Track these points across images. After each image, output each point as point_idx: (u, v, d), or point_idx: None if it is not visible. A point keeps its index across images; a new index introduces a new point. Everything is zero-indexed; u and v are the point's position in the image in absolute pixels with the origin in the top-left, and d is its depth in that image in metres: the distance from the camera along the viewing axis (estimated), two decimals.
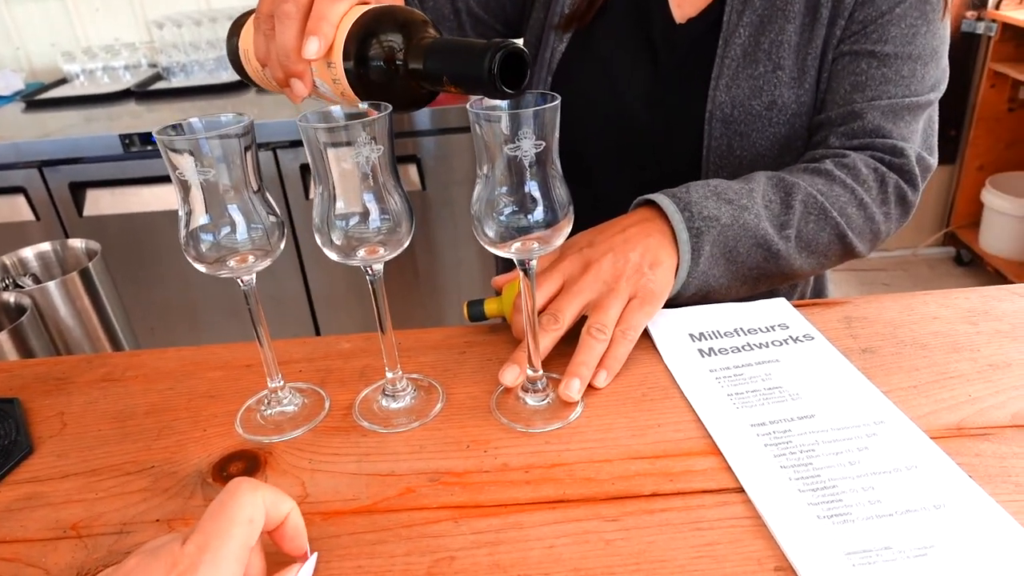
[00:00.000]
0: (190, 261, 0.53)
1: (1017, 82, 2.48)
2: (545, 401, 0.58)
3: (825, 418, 0.53)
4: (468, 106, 0.48)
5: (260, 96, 2.15)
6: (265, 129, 1.90)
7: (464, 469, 0.52)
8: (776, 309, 0.67)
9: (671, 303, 0.66)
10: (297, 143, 1.92)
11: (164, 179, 1.92)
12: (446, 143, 1.87)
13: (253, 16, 0.60)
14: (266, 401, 0.60)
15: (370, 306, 0.56)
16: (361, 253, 0.53)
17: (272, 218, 0.54)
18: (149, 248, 1.96)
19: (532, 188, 0.49)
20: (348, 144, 0.48)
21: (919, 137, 0.72)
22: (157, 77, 2.34)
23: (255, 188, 0.53)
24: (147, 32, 2.47)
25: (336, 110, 0.51)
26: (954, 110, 2.70)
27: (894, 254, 2.94)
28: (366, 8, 0.56)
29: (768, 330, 0.64)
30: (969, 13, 2.55)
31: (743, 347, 0.62)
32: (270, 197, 0.54)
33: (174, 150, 0.49)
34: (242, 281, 0.55)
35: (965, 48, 2.61)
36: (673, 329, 0.65)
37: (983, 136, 2.64)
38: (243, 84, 2.22)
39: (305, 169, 1.95)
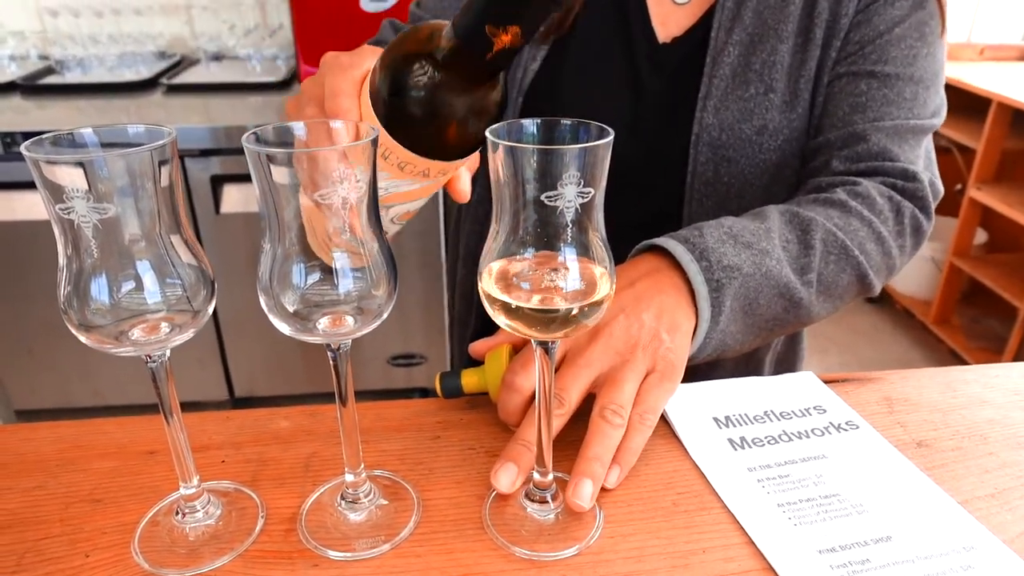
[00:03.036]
0: (72, 331, 0.37)
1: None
2: (554, 514, 0.46)
3: (905, 542, 0.43)
4: (489, 134, 0.35)
5: (167, 98, 1.93)
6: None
7: None
8: (806, 386, 0.58)
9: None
10: (209, 152, 1.72)
11: None
12: None
13: None
14: (177, 511, 0.45)
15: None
16: (323, 324, 0.39)
17: (197, 270, 0.39)
18: (32, 259, 1.69)
19: (567, 247, 0.37)
20: (318, 178, 0.34)
21: (922, 164, 0.65)
22: (49, 71, 2.07)
23: (175, 232, 0.38)
24: (39, 20, 2.18)
25: (297, 126, 0.37)
26: None
27: None
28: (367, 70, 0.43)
29: (804, 414, 0.54)
30: None
31: (780, 436, 0.52)
32: (196, 243, 0.39)
33: (55, 180, 0.33)
34: (150, 358, 0.39)
35: None
36: (693, 411, 0.54)
37: None
38: (146, 85, 1.99)
39: (217, 181, 1.75)
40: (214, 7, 2.33)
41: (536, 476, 0.46)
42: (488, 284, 0.39)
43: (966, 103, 2.34)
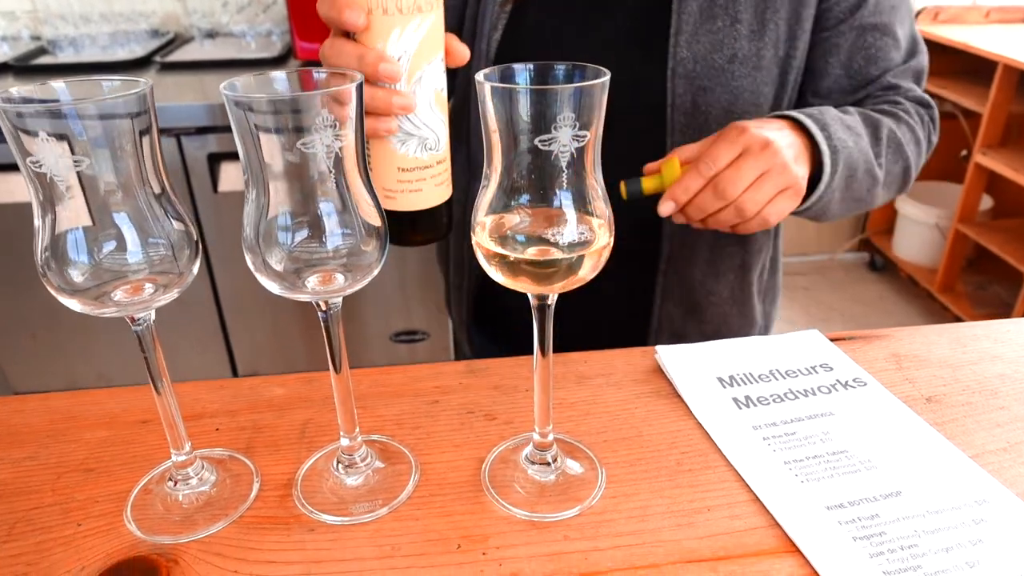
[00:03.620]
0: (53, 293, 0.36)
1: (931, 94, 2.55)
2: (554, 475, 0.45)
3: (915, 497, 0.42)
4: (478, 77, 0.34)
5: (162, 76, 1.90)
6: (167, 113, 1.67)
7: None
8: (812, 344, 0.56)
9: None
10: (206, 129, 1.70)
11: None
12: None
13: None
14: (170, 479, 0.44)
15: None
16: (312, 282, 0.38)
17: (180, 228, 0.38)
18: (30, 242, 1.68)
19: (564, 198, 0.35)
20: (298, 128, 0.33)
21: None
22: (41, 51, 2.04)
23: (156, 189, 0.36)
24: (30, 0, 2.15)
25: (278, 75, 0.35)
26: None
27: (812, 259, 2.98)
28: None
29: (810, 372, 0.53)
30: None
31: (786, 395, 0.51)
32: (177, 201, 0.38)
33: (25, 130, 0.32)
34: (133, 320, 0.38)
35: None
36: (697, 371, 0.53)
37: None
38: (141, 63, 1.96)
39: (214, 159, 1.73)
40: None
41: (536, 437, 0.45)
42: (482, 237, 0.37)
43: (972, 67, 2.30)
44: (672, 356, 0.54)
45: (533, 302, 0.39)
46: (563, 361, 0.56)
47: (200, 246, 0.39)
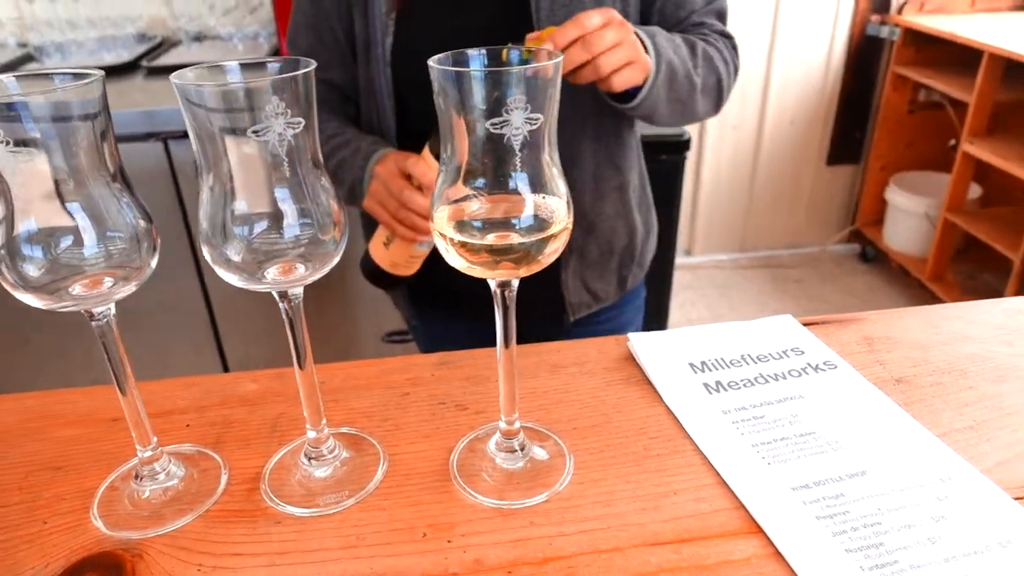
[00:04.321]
0: (8, 289, 0.36)
1: (918, 85, 2.55)
2: (522, 463, 0.45)
3: (881, 476, 0.42)
4: (430, 62, 0.34)
5: (148, 81, 1.90)
6: (155, 117, 1.67)
7: (422, 571, 0.37)
8: (784, 329, 0.56)
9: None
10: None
11: None
12: None
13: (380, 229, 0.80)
14: (136, 475, 0.44)
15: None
16: (272, 273, 0.38)
17: (138, 219, 0.38)
18: None
19: (520, 178, 0.35)
20: (250, 115, 0.33)
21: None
22: (28, 58, 2.04)
23: (110, 174, 0.36)
24: (15, 7, 2.14)
25: (231, 65, 0.35)
26: (859, 112, 2.75)
27: (804, 251, 2.98)
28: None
29: (781, 356, 0.53)
30: (874, 17, 2.60)
31: (756, 379, 0.51)
32: (133, 188, 0.38)
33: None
34: (91, 315, 0.38)
35: (869, 51, 2.66)
36: (669, 358, 0.53)
37: (886, 137, 2.70)
38: (128, 68, 1.96)
39: None
40: None
41: (503, 425, 0.45)
42: (441, 224, 0.37)
43: (958, 56, 2.31)
44: (644, 343, 0.55)
45: (494, 287, 0.39)
46: (536, 351, 0.56)
47: (156, 237, 0.38)
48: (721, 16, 0.89)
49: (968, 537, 0.38)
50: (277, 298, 0.39)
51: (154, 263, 0.38)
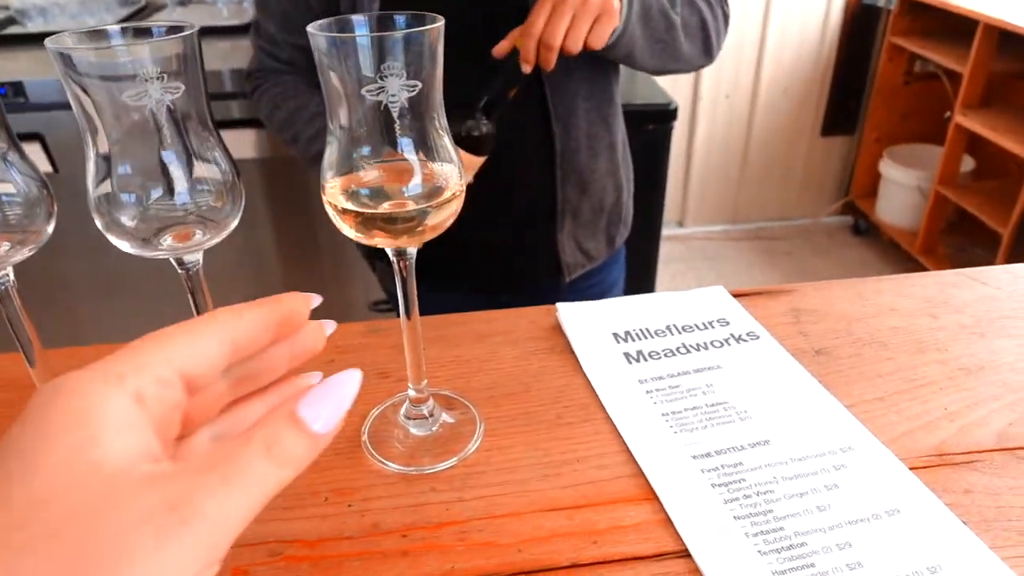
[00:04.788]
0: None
1: (914, 55, 2.52)
2: (433, 429, 0.45)
3: (782, 445, 0.42)
4: (309, 28, 0.33)
5: None
6: None
7: (319, 536, 0.38)
8: (713, 299, 0.57)
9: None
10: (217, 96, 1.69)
11: (22, 137, 1.64)
12: None
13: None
14: None
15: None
16: (168, 241, 0.38)
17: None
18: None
19: (405, 146, 0.35)
20: (127, 81, 0.32)
21: None
22: (10, 21, 2.02)
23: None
24: None
25: (112, 29, 0.35)
26: (854, 82, 2.72)
27: (796, 223, 2.97)
28: None
29: (706, 327, 0.53)
30: None
31: (677, 349, 0.51)
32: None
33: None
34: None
35: (866, 20, 2.62)
36: (594, 328, 0.53)
37: (881, 108, 2.67)
38: None
39: None
40: None
41: (411, 392, 0.45)
42: (332, 195, 0.37)
43: (952, 26, 2.27)
44: (571, 313, 0.55)
45: (392, 256, 0.39)
46: (465, 320, 0.56)
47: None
48: None
49: (857, 506, 0.38)
50: (175, 265, 0.39)
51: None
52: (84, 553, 0.19)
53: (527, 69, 0.74)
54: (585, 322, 0.54)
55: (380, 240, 0.38)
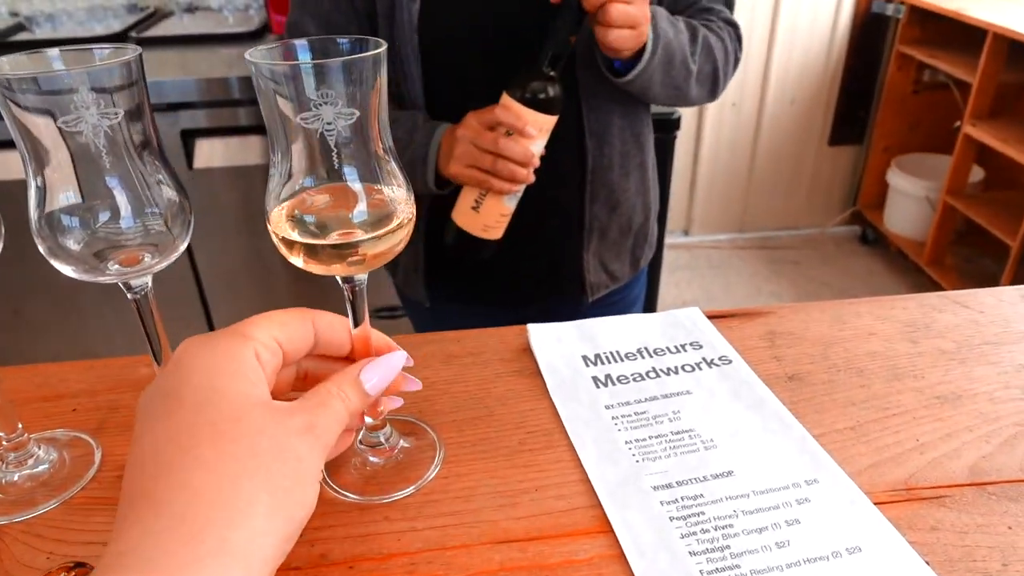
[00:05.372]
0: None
1: (922, 64, 2.49)
2: (388, 458, 0.44)
3: (746, 477, 0.41)
4: (247, 56, 0.33)
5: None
6: None
7: None
8: (688, 322, 0.55)
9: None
10: (179, 105, 1.69)
11: None
12: None
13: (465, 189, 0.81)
14: (2, 461, 0.44)
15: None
16: (115, 266, 0.37)
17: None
18: (16, 217, 1.68)
19: (348, 174, 0.35)
20: (59, 108, 0.32)
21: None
22: (19, 27, 2.04)
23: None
24: None
25: (52, 53, 0.34)
26: (862, 91, 2.69)
27: (803, 232, 2.94)
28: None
29: (678, 350, 0.52)
30: None
31: (647, 374, 0.50)
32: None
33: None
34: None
35: (874, 29, 2.59)
36: (564, 350, 0.52)
37: (889, 118, 2.65)
38: (117, 37, 1.95)
39: (188, 135, 1.73)
40: None
41: (368, 419, 0.44)
42: (278, 225, 0.36)
43: (964, 35, 2.24)
44: (542, 335, 0.54)
45: (343, 284, 0.39)
46: (437, 340, 0.55)
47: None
48: (729, 2, 0.92)
49: (818, 543, 0.37)
50: (124, 289, 0.39)
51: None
52: (257, 447, 0.30)
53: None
54: (556, 344, 0.53)
55: (330, 269, 0.37)
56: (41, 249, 0.36)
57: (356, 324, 0.40)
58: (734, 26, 0.91)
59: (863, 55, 2.64)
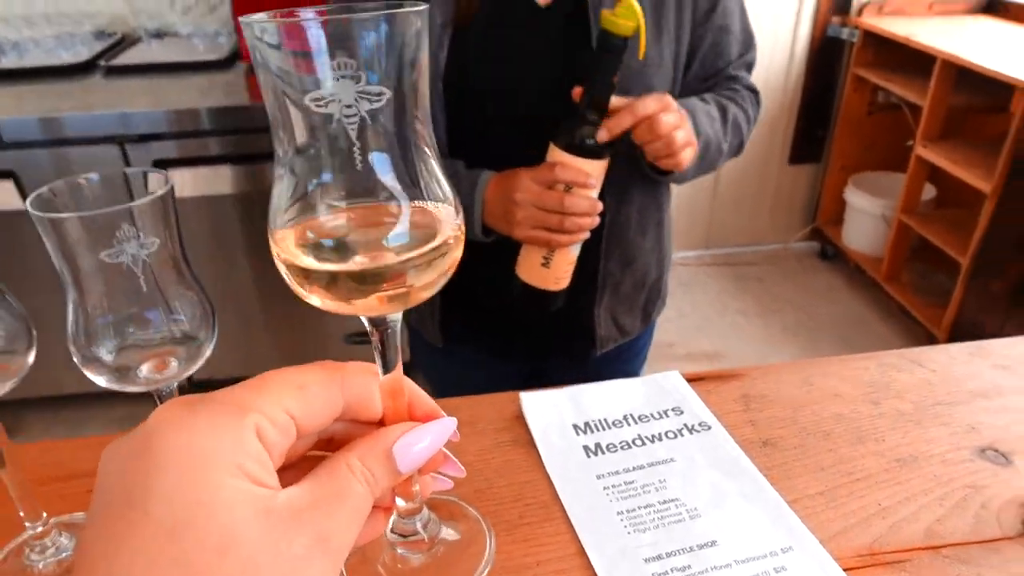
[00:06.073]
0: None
1: (876, 87, 2.59)
2: (431, 553, 0.41)
3: (728, 546, 0.45)
4: (242, 19, 0.26)
5: (108, 80, 1.89)
6: (111, 120, 1.67)
7: None
8: (669, 387, 0.59)
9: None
10: (151, 136, 1.70)
11: None
12: None
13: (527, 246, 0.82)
14: (29, 549, 0.46)
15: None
16: (144, 373, 0.40)
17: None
18: (16, 249, 1.65)
19: (377, 178, 0.27)
20: (104, 238, 0.35)
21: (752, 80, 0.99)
22: None
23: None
24: None
25: (92, 179, 0.37)
26: (820, 112, 2.79)
27: (766, 248, 3.03)
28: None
29: (661, 416, 0.56)
30: (834, 18, 2.63)
31: (633, 441, 0.54)
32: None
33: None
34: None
35: (830, 52, 2.69)
36: (555, 419, 0.56)
37: (846, 137, 2.75)
38: (85, 68, 1.93)
39: (160, 166, 1.72)
40: None
41: (400, 502, 0.37)
42: (287, 248, 0.29)
43: (914, 60, 2.34)
44: (534, 403, 0.57)
45: (370, 327, 0.31)
46: None
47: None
48: (750, 67, 0.96)
49: None
50: (156, 399, 0.41)
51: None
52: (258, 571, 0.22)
53: (603, 136, 0.75)
54: (547, 412, 0.56)
55: (348, 306, 0.29)
56: (76, 359, 0.38)
57: (386, 373, 0.32)
58: (755, 92, 0.96)
59: (820, 77, 2.74)
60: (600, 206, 0.79)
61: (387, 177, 0.27)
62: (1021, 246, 2.00)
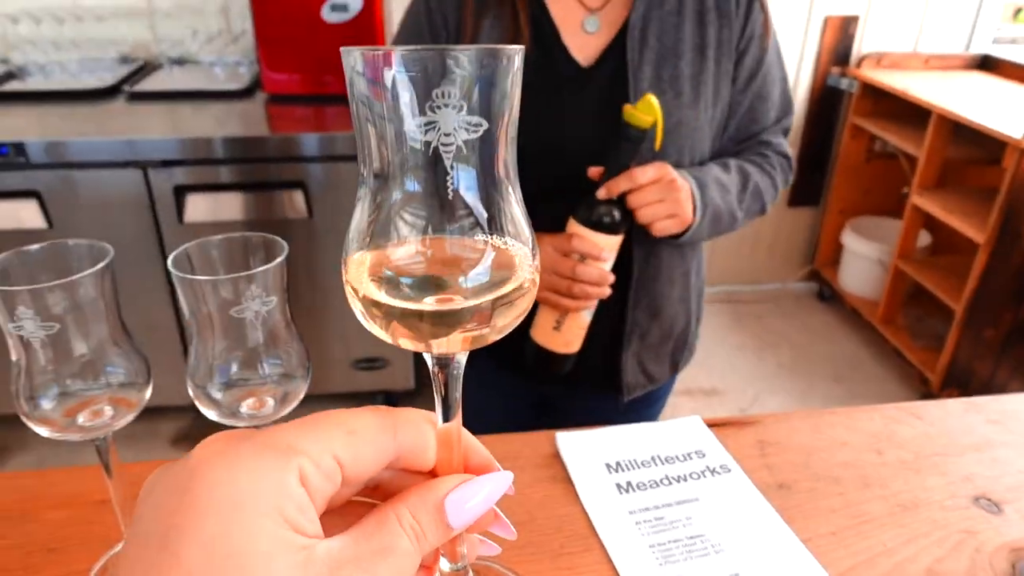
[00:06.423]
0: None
1: (874, 136, 2.69)
2: None
3: None
4: (342, 49, 0.26)
5: (131, 105, 1.95)
6: (134, 146, 1.73)
7: None
8: (692, 431, 0.65)
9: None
10: (171, 163, 1.76)
11: (18, 194, 1.70)
12: (334, 171, 1.77)
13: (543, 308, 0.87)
14: None
15: None
16: (245, 409, 0.45)
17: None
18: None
19: (471, 195, 0.27)
20: (234, 296, 0.40)
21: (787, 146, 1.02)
22: (10, 76, 2.08)
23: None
24: None
25: (215, 241, 0.43)
26: (819, 157, 2.89)
27: (766, 287, 3.10)
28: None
29: (686, 458, 0.62)
30: (834, 69, 2.73)
31: (661, 480, 0.59)
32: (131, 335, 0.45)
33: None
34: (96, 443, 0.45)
35: (830, 101, 2.79)
36: (588, 458, 0.62)
37: (844, 183, 2.84)
38: (109, 92, 1.99)
39: (180, 191, 1.79)
40: (177, 12, 2.34)
41: (444, 564, 0.34)
42: (357, 278, 0.28)
43: (911, 111, 2.44)
44: (569, 443, 0.63)
45: (434, 367, 0.31)
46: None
47: (151, 371, 0.46)
48: (786, 132, 0.99)
49: None
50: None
51: (147, 394, 0.46)
52: None
53: (602, 194, 0.81)
54: (581, 452, 0.62)
55: (417, 343, 0.29)
56: (190, 391, 0.44)
57: (446, 420, 0.31)
58: (787, 158, 0.98)
59: (820, 125, 2.84)
60: (611, 278, 0.84)
61: (474, 209, 0.27)
62: (1013, 295, 2.07)
